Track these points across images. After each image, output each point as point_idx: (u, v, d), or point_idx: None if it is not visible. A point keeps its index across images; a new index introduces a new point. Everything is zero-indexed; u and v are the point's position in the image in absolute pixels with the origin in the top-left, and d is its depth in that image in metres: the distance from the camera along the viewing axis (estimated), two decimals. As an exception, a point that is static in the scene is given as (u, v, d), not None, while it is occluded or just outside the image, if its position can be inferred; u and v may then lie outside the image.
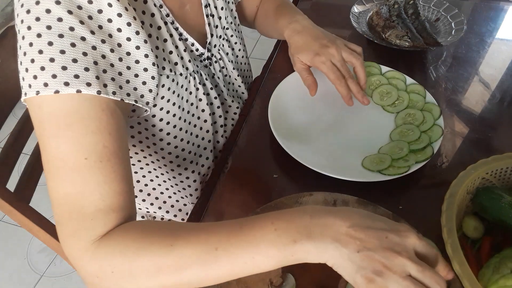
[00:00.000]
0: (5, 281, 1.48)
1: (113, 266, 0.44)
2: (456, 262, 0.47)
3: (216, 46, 0.73)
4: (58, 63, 0.45)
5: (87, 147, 0.45)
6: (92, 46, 0.47)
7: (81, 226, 0.45)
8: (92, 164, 0.45)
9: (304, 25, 0.80)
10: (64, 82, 0.44)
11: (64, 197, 0.45)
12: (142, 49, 0.52)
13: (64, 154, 0.45)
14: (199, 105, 0.70)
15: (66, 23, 0.45)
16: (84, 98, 0.46)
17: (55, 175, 0.46)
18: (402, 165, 0.65)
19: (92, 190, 0.45)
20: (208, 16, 0.70)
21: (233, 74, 0.80)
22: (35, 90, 0.44)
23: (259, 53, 2.40)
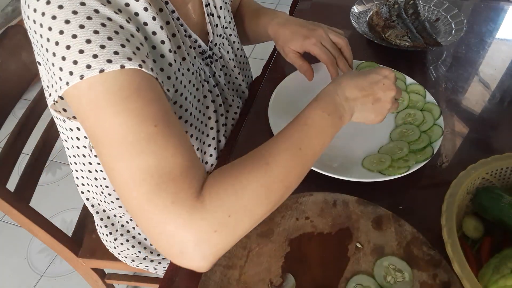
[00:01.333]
0: (5, 281, 1.47)
1: (228, 209, 0.43)
2: (456, 262, 0.47)
3: (217, 45, 0.74)
4: (95, 42, 0.43)
5: (153, 114, 0.44)
6: (120, 25, 0.46)
7: (179, 188, 0.42)
8: (163, 130, 0.44)
9: (286, 18, 0.83)
10: (106, 60, 0.43)
11: (147, 170, 0.42)
12: (158, 35, 0.52)
13: (134, 126, 0.43)
14: (204, 102, 0.71)
15: (89, 7, 0.44)
16: (130, 72, 0.44)
17: (128, 154, 0.42)
18: (402, 165, 0.65)
19: (172, 153, 0.43)
20: (208, 15, 0.71)
21: (234, 72, 0.80)
22: (79, 75, 0.43)
23: (259, 53, 2.40)
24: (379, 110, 0.60)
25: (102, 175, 0.70)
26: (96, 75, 0.43)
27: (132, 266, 0.90)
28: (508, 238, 0.55)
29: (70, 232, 0.99)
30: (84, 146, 0.65)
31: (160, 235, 0.43)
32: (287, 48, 0.79)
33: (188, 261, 0.43)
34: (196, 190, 0.43)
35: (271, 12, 0.86)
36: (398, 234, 0.57)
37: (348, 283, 0.53)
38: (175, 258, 0.43)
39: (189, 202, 0.42)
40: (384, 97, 0.59)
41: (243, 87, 0.84)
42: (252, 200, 0.45)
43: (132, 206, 0.43)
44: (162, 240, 0.43)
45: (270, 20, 0.83)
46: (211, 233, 0.42)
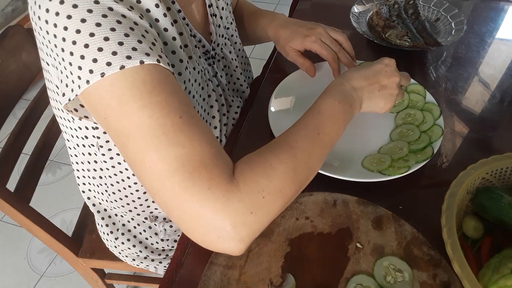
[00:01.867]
0: (5, 281, 1.48)
1: (262, 191, 0.45)
2: (456, 262, 0.47)
3: (219, 45, 0.75)
4: (113, 40, 0.44)
5: (177, 106, 0.45)
6: (134, 22, 0.47)
7: (213, 174, 0.43)
8: (188, 120, 0.45)
9: (284, 20, 0.85)
10: (126, 56, 0.44)
11: (178, 160, 0.43)
12: (170, 31, 0.53)
13: (161, 118, 0.43)
14: (209, 101, 0.71)
15: (103, 5, 0.45)
16: (149, 67, 0.45)
17: (157, 145, 0.43)
18: (402, 165, 0.65)
19: (199, 142, 0.44)
20: (211, 16, 0.71)
21: (236, 72, 0.81)
22: (99, 73, 0.43)
23: (259, 53, 2.40)
24: (387, 97, 0.63)
25: (108, 173, 0.69)
26: (117, 71, 0.43)
27: (132, 266, 0.90)
28: (508, 238, 0.55)
29: (70, 232, 0.99)
30: (91, 145, 0.65)
31: (197, 223, 0.43)
32: (288, 47, 0.80)
33: (225, 244, 0.44)
34: (228, 175, 0.45)
35: (269, 14, 0.88)
36: (398, 234, 0.57)
37: (348, 283, 0.53)
38: (213, 243, 0.44)
39: (225, 186, 0.43)
40: (390, 83, 0.63)
41: (244, 87, 0.84)
42: (282, 181, 0.47)
43: (165, 198, 0.44)
44: (199, 227, 0.43)
45: (270, 22, 0.85)
46: (247, 214, 0.43)
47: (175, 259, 0.58)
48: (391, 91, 0.63)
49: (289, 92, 0.79)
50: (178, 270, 0.57)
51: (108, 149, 0.64)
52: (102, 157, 0.66)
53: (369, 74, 0.63)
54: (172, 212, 0.44)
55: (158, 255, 0.85)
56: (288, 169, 0.48)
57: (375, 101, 0.63)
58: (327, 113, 0.56)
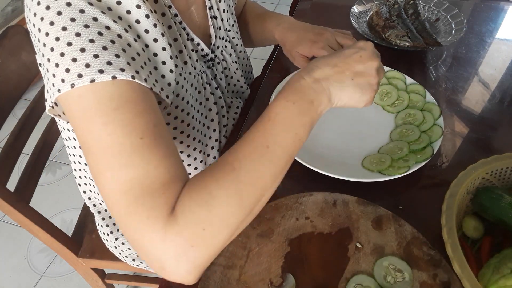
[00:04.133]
0: (5, 281, 1.48)
1: (201, 223, 0.42)
2: (456, 262, 0.47)
3: (219, 48, 0.74)
4: (89, 51, 0.43)
5: (140, 127, 0.44)
6: (118, 34, 0.46)
7: (155, 203, 0.42)
8: (149, 143, 0.44)
9: (292, 23, 0.83)
10: (98, 70, 0.43)
11: (129, 183, 0.42)
12: (159, 42, 0.52)
13: (120, 138, 0.43)
14: (207, 104, 0.71)
15: (88, 14, 0.44)
16: (121, 83, 0.44)
17: (113, 164, 0.43)
18: (402, 165, 0.65)
19: (155, 166, 0.43)
20: (212, 18, 0.70)
21: (236, 75, 0.80)
22: (70, 83, 0.43)
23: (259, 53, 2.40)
24: (364, 86, 0.52)
25: None
26: (86, 84, 0.43)
27: (132, 266, 0.90)
28: (508, 238, 0.55)
29: (70, 232, 0.99)
30: None
31: (141, 250, 0.43)
32: (295, 52, 0.80)
33: (171, 275, 0.43)
34: (171, 205, 0.43)
35: (276, 17, 0.87)
36: (398, 234, 0.57)
37: (348, 283, 0.53)
38: (159, 272, 0.43)
39: (164, 218, 0.41)
40: (366, 69, 0.53)
41: (244, 88, 0.84)
42: (224, 209, 0.43)
43: (116, 218, 0.44)
44: (143, 255, 0.43)
45: (277, 25, 0.84)
46: (188, 248, 0.41)
47: (175, 259, 0.58)
48: (369, 79, 0.53)
49: (289, 92, 0.79)
50: (178, 270, 0.57)
51: None
52: None
53: (338, 60, 0.52)
54: (124, 233, 0.44)
55: (158, 255, 0.85)
56: (230, 196, 0.43)
57: (349, 92, 0.52)
58: (278, 119, 0.48)
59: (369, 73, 0.53)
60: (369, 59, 0.53)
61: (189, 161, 0.71)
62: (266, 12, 0.91)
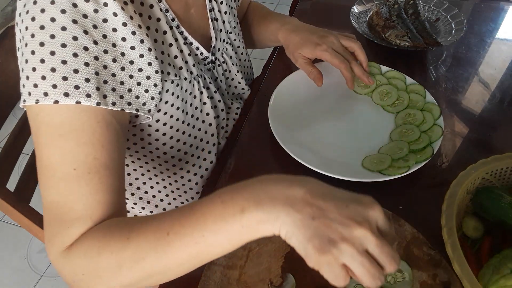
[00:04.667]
0: (5, 281, 1.47)
1: (82, 269, 0.45)
2: (456, 262, 0.47)
3: (220, 50, 0.74)
4: (59, 73, 0.45)
5: (77, 158, 0.45)
6: (95, 56, 0.47)
7: (58, 232, 0.46)
8: (80, 175, 0.45)
9: (296, 25, 0.83)
10: (64, 93, 0.44)
11: (50, 204, 0.46)
12: (145, 57, 0.51)
13: (55, 163, 0.45)
14: (204, 109, 0.70)
15: (69, 33, 0.45)
16: (81, 109, 0.46)
17: (45, 183, 0.47)
18: (402, 165, 0.65)
19: (75, 199, 0.46)
20: (212, 20, 0.70)
21: (236, 77, 0.80)
22: (35, 99, 0.45)
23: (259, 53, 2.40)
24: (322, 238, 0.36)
25: None
26: (49, 104, 0.45)
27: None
28: (508, 238, 0.55)
29: (70, 232, 0.99)
30: None
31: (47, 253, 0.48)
32: (297, 54, 0.79)
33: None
34: (69, 241, 0.46)
35: (280, 18, 0.86)
36: (398, 234, 0.57)
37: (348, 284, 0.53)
38: None
39: (59, 248, 0.46)
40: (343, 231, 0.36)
41: (245, 90, 0.84)
42: (104, 269, 0.43)
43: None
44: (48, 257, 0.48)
45: (281, 26, 0.84)
46: (71, 281, 0.46)
47: (175, 259, 0.58)
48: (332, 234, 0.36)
49: (289, 92, 0.79)
50: (178, 270, 0.57)
51: None
52: None
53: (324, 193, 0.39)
54: None
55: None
56: (112, 260, 0.43)
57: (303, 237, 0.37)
58: (195, 210, 0.41)
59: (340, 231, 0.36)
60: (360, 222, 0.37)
61: (181, 165, 0.71)
62: (270, 13, 0.91)
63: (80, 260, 0.45)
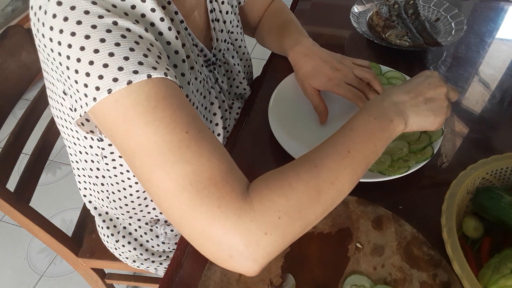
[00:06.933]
0: (5, 281, 1.48)
1: (278, 211, 0.42)
2: (456, 262, 0.47)
3: (221, 51, 0.73)
4: (119, 55, 0.43)
5: (182, 121, 0.43)
6: (139, 35, 0.46)
7: (223, 193, 0.42)
8: (195, 136, 0.43)
9: (309, 48, 0.78)
10: (133, 71, 0.43)
11: (185, 178, 0.41)
12: (172, 44, 0.52)
13: (166, 135, 0.42)
14: (211, 109, 0.70)
15: (108, 19, 0.44)
16: (155, 81, 0.44)
17: (163, 163, 0.42)
18: (402, 165, 0.65)
19: (208, 158, 0.42)
20: (213, 21, 0.70)
21: (238, 77, 0.80)
22: (106, 89, 0.42)
23: (259, 53, 2.40)
24: (437, 110, 0.56)
25: (111, 181, 0.69)
26: (123, 87, 0.42)
27: (133, 267, 0.90)
28: (508, 238, 0.55)
29: (70, 232, 0.99)
30: (95, 154, 0.65)
31: (207, 241, 0.42)
32: (307, 84, 0.75)
33: (238, 264, 0.42)
34: (241, 192, 0.43)
35: (294, 36, 0.81)
36: (398, 234, 0.57)
37: (343, 285, 0.53)
38: (225, 262, 0.42)
39: (236, 205, 0.41)
40: (436, 95, 0.57)
41: (247, 90, 0.84)
42: (302, 201, 0.43)
43: (174, 216, 0.43)
44: (210, 246, 0.42)
45: (293, 46, 0.79)
46: (261, 235, 0.41)
47: (175, 259, 0.58)
48: (440, 103, 0.57)
49: (289, 92, 0.79)
50: (178, 270, 0.57)
51: (112, 159, 0.64)
52: (105, 165, 0.66)
53: (411, 87, 0.57)
54: (183, 230, 0.43)
55: (159, 257, 0.85)
56: (309, 189, 0.44)
57: (424, 116, 0.56)
58: (360, 130, 0.51)
59: (440, 98, 0.57)
60: (438, 86, 0.58)
61: None
62: (287, 24, 0.85)
63: (273, 203, 0.42)
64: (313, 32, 0.87)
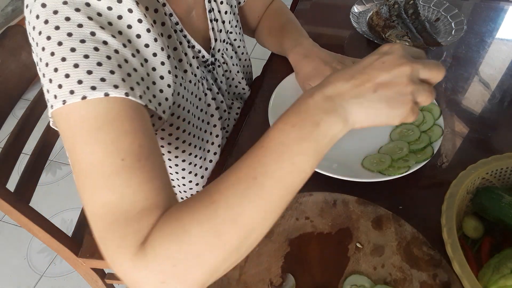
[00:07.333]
0: (5, 281, 1.48)
1: (172, 259, 0.38)
2: (456, 262, 0.47)
3: (220, 51, 0.73)
4: (83, 68, 0.42)
5: (122, 148, 0.42)
6: (115, 49, 0.45)
7: (128, 231, 0.40)
8: (130, 165, 0.41)
9: (309, 49, 0.77)
10: (91, 87, 0.42)
11: (104, 207, 0.41)
12: (158, 56, 0.51)
13: (100, 158, 0.41)
14: (208, 111, 0.70)
15: (86, 29, 0.43)
16: (112, 100, 0.43)
17: (92, 185, 0.41)
18: (402, 165, 0.65)
19: (134, 191, 0.41)
20: (212, 21, 0.70)
21: (237, 77, 0.79)
22: (61, 100, 0.42)
23: (259, 53, 2.40)
24: (393, 98, 0.41)
25: None
26: (78, 101, 0.42)
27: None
28: (508, 238, 0.55)
29: (70, 232, 0.99)
30: None
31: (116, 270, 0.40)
32: (308, 85, 0.75)
33: None
34: (143, 235, 0.40)
35: (294, 36, 0.80)
36: (398, 234, 0.57)
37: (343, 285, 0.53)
38: None
39: (133, 250, 0.39)
40: (394, 77, 0.40)
41: (246, 90, 0.84)
42: (198, 247, 0.38)
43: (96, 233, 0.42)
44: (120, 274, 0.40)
45: (293, 46, 0.79)
46: (158, 283, 0.39)
47: (175, 259, 0.58)
48: (398, 88, 0.40)
49: (289, 92, 0.79)
50: (178, 270, 0.57)
51: None
52: None
53: (355, 71, 0.42)
54: None
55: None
56: (205, 232, 0.38)
57: (373, 109, 0.41)
58: (271, 145, 0.40)
59: (397, 82, 0.41)
60: (395, 64, 0.41)
61: (190, 169, 0.71)
62: (286, 25, 0.85)
63: (166, 250, 0.38)
64: (313, 32, 0.87)
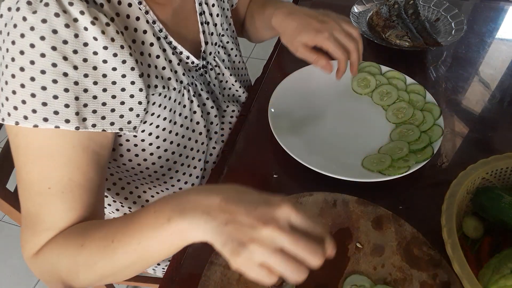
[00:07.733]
0: (5, 281, 1.47)
1: (47, 273, 0.50)
2: (456, 262, 0.47)
3: (211, 54, 0.72)
4: (39, 99, 0.45)
5: (52, 178, 0.48)
6: (75, 81, 0.47)
7: (29, 239, 0.50)
8: (54, 193, 0.48)
9: (291, 7, 0.75)
10: (43, 118, 0.46)
11: (26, 213, 0.50)
12: (128, 76, 0.51)
13: (32, 180, 0.48)
14: (194, 118, 0.68)
15: (49, 59, 0.45)
16: (60, 134, 0.47)
17: (22, 193, 0.50)
18: (402, 165, 0.65)
19: (48, 213, 0.49)
20: (203, 24, 0.68)
21: (230, 80, 0.78)
22: (14, 120, 0.46)
23: (259, 53, 2.40)
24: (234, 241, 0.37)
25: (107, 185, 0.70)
26: (28, 127, 0.46)
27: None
28: (508, 238, 0.55)
29: (70, 232, 0.99)
30: None
31: None
32: (297, 42, 0.70)
33: None
34: (38, 248, 0.50)
35: (275, 4, 0.79)
36: (398, 234, 0.57)
37: (344, 284, 0.53)
38: None
39: (29, 254, 0.51)
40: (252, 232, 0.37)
41: (240, 92, 0.82)
42: (64, 273, 0.48)
43: None
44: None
45: (274, 9, 0.76)
46: (44, 278, 0.51)
47: (175, 259, 0.58)
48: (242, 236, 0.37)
49: (289, 92, 0.79)
50: (178, 270, 0.57)
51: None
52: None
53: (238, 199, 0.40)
54: None
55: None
56: (70, 264, 0.47)
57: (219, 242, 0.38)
58: (136, 221, 0.44)
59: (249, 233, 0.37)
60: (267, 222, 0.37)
61: (171, 174, 0.70)
62: (266, 1, 0.83)
63: (44, 265, 0.50)
64: (313, 32, 0.87)
